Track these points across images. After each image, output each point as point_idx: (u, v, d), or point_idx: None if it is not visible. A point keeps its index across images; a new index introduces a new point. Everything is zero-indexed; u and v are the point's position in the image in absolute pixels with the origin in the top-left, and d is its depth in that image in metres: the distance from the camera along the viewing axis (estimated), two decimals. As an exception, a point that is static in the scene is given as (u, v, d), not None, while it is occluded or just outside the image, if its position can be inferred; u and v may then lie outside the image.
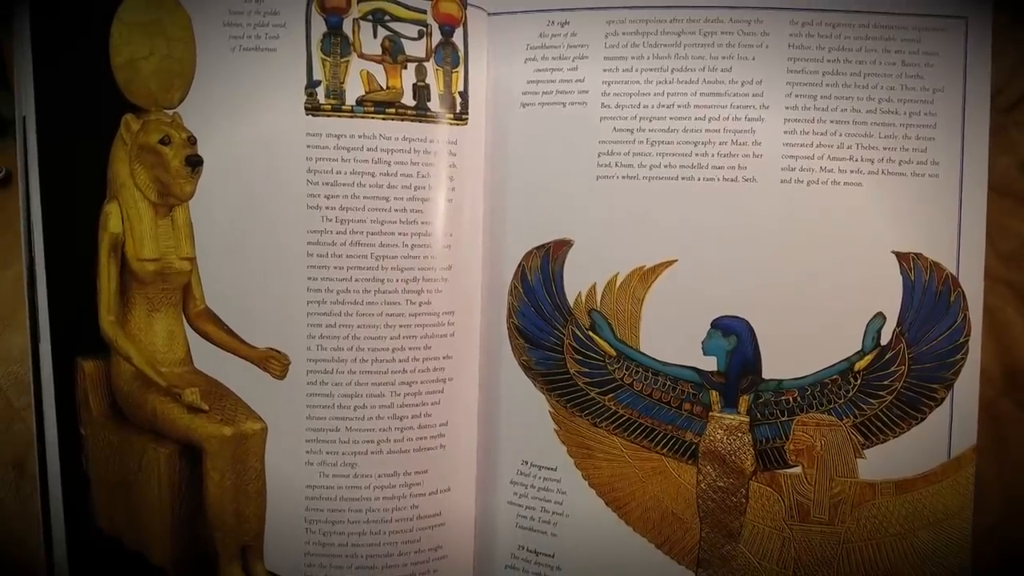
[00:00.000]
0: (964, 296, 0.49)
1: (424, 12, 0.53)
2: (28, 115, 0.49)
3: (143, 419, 0.52)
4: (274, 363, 0.52)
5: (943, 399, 0.50)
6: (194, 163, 0.50)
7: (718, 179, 0.51)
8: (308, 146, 0.51)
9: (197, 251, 0.52)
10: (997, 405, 0.52)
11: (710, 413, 0.51)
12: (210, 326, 0.52)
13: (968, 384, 0.50)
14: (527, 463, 0.55)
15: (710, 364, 0.51)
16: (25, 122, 0.49)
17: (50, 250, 0.50)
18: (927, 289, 0.49)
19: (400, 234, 0.52)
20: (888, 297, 0.50)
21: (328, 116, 0.52)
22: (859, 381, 0.50)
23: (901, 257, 0.50)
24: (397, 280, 0.52)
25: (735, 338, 0.50)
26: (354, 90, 0.52)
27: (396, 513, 0.53)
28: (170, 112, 0.50)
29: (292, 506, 0.53)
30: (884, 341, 0.50)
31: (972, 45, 0.49)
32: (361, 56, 0.52)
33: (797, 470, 0.50)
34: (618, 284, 0.52)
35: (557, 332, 0.54)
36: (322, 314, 0.52)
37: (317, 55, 0.52)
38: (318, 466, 0.53)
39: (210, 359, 0.52)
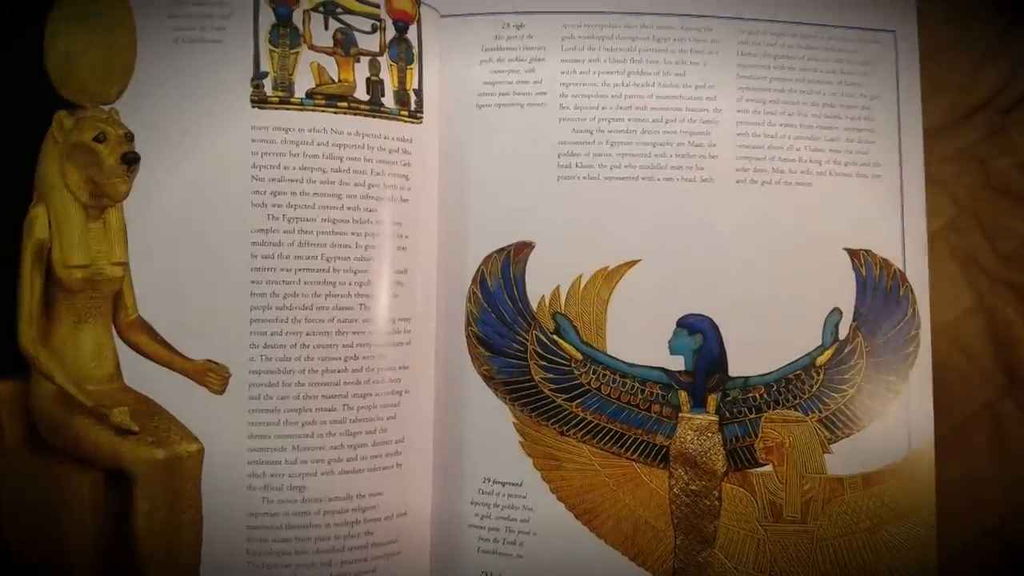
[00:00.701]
0: (912, 291, 0.51)
1: (378, 6, 0.52)
2: None
3: (65, 444, 0.46)
4: (212, 376, 0.47)
5: (900, 391, 0.51)
6: (130, 160, 0.46)
7: (677, 179, 0.51)
8: (253, 140, 0.49)
9: (130, 255, 0.48)
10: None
11: (679, 414, 0.50)
12: (142, 337, 0.48)
13: (922, 376, 0.51)
14: (489, 480, 0.51)
15: (677, 364, 0.50)
16: None
17: None
18: (878, 284, 0.51)
19: (353, 234, 0.49)
20: (843, 292, 0.51)
21: (276, 108, 0.49)
22: (822, 376, 0.50)
23: (852, 254, 0.51)
24: (350, 283, 0.49)
25: (701, 336, 0.50)
26: (304, 83, 0.50)
27: (349, 541, 0.49)
28: (106, 108, 0.47)
29: (232, 536, 0.47)
30: (842, 335, 0.51)
31: (902, 56, 0.53)
32: (312, 48, 0.50)
33: (768, 469, 0.50)
34: (582, 286, 0.51)
35: (520, 338, 0.52)
36: (267, 320, 0.48)
37: (265, 46, 0.49)
38: (261, 491, 0.48)
39: (142, 374, 0.47)
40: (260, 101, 0.49)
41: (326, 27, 0.51)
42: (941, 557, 0.50)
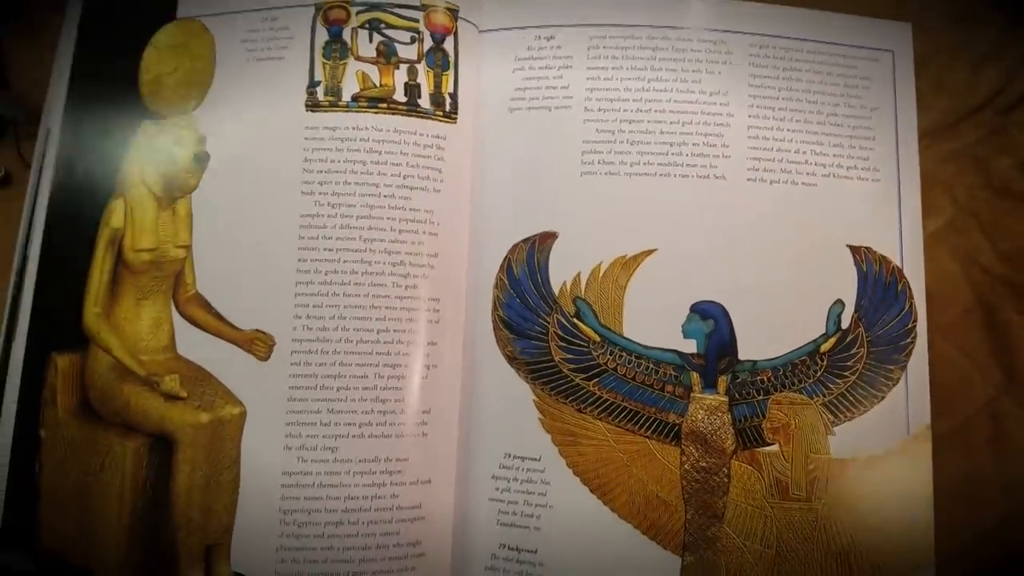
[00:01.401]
0: (909, 286, 0.55)
1: (416, 21, 0.57)
2: (53, 128, 0.53)
3: (114, 411, 0.50)
4: (259, 344, 0.52)
5: (899, 380, 0.54)
6: (201, 159, 0.53)
7: (692, 176, 0.55)
8: (306, 138, 0.55)
9: (194, 238, 0.53)
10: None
11: (691, 394, 0.53)
12: (199, 311, 0.52)
13: (919, 366, 0.54)
14: (510, 456, 0.54)
15: (690, 347, 0.54)
16: (49, 134, 0.53)
17: (45, 251, 0.51)
18: (878, 279, 0.55)
19: (388, 219, 0.54)
20: (845, 286, 0.55)
21: (326, 111, 0.55)
22: (825, 362, 0.53)
23: (854, 250, 0.55)
24: (384, 263, 0.53)
25: (712, 321, 0.53)
26: (350, 88, 0.56)
27: (376, 502, 0.51)
28: (185, 116, 0.54)
29: (266, 495, 0.50)
30: (844, 325, 0.54)
31: (899, 73, 0.58)
32: (358, 58, 0.57)
33: (775, 448, 0.53)
34: (602, 272, 0.55)
35: (542, 321, 0.55)
36: (310, 294, 0.53)
37: (319, 60, 0.56)
38: (297, 451, 0.51)
39: (194, 344, 0.52)
40: (313, 106, 0.55)
41: (370, 40, 0.57)
42: (939, 540, 0.52)
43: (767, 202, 0.55)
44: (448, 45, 0.58)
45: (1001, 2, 0.56)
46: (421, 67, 0.57)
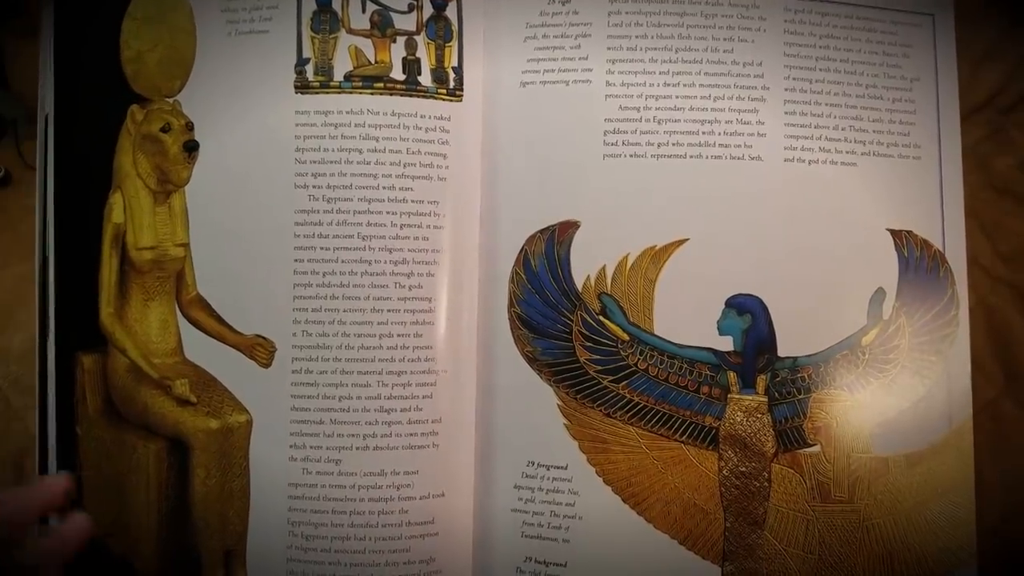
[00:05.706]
0: (951, 271, 0.52)
1: (415, -15, 0.51)
2: (50, 114, 0.49)
3: (135, 414, 0.49)
4: (260, 350, 0.49)
5: (941, 370, 0.51)
6: (190, 148, 0.49)
7: (725, 157, 0.51)
8: (297, 124, 0.50)
9: (191, 236, 0.50)
10: (997, 405, 0.53)
11: (729, 395, 0.50)
12: (201, 313, 0.50)
13: (960, 355, 0.51)
14: (533, 463, 0.50)
15: (726, 344, 0.50)
16: (47, 120, 0.49)
17: (59, 245, 0.49)
18: (919, 265, 0.51)
19: (388, 213, 0.49)
20: (886, 273, 0.51)
21: (316, 93, 0.50)
22: (867, 356, 0.50)
23: (895, 235, 0.51)
24: (385, 261, 0.49)
25: (750, 316, 0.50)
26: (343, 66, 0.50)
27: (384, 517, 0.48)
28: (171, 100, 0.49)
29: (275, 506, 0.48)
30: (886, 315, 0.51)
31: (940, 39, 0.53)
32: (350, 31, 0.51)
33: (816, 449, 0.50)
34: (629, 265, 0.50)
35: (565, 319, 0.51)
36: (308, 297, 0.49)
37: (307, 33, 0.50)
38: (301, 462, 0.48)
39: (199, 348, 0.49)
40: (303, 87, 0.50)
41: (363, 10, 0.51)
42: (980, 536, 0.50)
43: (805, 185, 0.51)
44: (451, 12, 0.52)
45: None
46: (420, 39, 0.51)
